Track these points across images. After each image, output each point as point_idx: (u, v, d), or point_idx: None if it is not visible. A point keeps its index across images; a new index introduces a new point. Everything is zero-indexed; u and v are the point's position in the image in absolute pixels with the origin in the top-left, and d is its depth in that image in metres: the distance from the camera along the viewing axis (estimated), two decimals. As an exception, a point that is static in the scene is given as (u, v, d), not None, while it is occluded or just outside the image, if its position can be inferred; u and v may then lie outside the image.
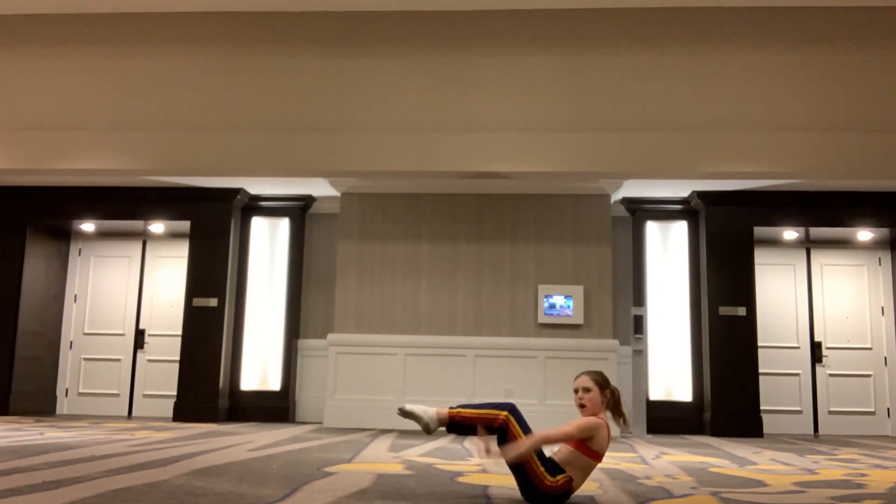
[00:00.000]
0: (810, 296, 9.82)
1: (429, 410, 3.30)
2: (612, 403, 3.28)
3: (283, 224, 9.86)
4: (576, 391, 3.31)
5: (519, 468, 3.22)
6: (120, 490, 3.34)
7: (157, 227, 10.11)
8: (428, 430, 3.27)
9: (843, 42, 8.14)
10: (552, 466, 3.22)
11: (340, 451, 5.57)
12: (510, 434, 3.19)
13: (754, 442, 7.73)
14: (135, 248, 10.39)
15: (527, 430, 3.22)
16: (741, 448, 6.84)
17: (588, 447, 3.22)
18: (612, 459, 5.56)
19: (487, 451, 3.18)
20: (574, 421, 3.24)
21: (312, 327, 9.78)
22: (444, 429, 3.31)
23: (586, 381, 3.30)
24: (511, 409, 3.24)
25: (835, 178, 8.31)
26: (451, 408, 3.30)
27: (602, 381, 3.30)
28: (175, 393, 9.22)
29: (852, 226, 9.16)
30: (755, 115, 8.09)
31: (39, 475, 3.76)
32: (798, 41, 8.19)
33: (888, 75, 8.07)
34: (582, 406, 3.28)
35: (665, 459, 5.65)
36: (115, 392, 10.06)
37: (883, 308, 9.72)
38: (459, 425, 3.27)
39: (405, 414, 3.32)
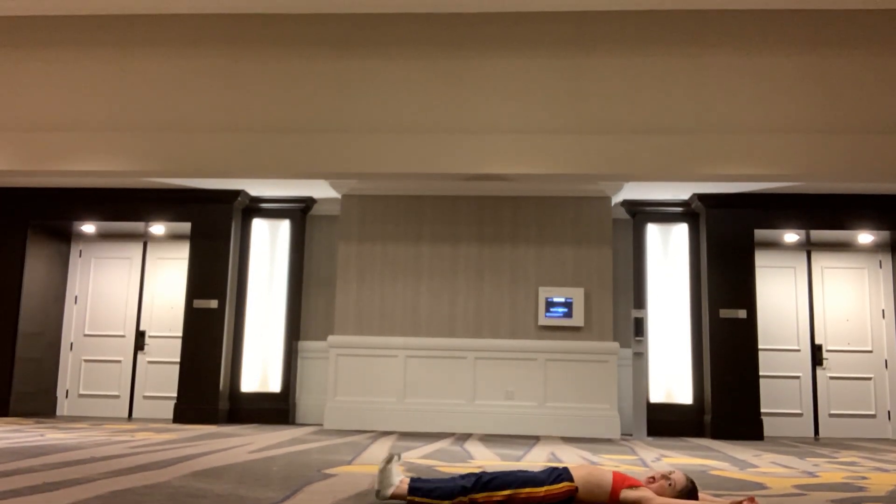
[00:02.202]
0: (811, 298, 9.82)
1: (391, 485, 3.12)
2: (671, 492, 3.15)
3: (284, 226, 9.87)
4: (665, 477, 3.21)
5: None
6: (120, 491, 3.34)
7: (157, 228, 10.11)
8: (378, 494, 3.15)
9: (843, 44, 8.14)
10: (563, 474, 3.14)
11: (341, 453, 5.57)
12: None
13: (755, 444, 7.72)
14: (135, 249, 10.39)
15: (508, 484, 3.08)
16: (741, 451, 6.83)
17: (616, 497, 3.12)
18: (612, 462, 5.56)
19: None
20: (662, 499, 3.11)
21: (313, 329, 9.79)
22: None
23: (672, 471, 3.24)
24: (476, 484, 3.06)
25: (835, 180, 8.30)
26: (409, 493, 3.10)
27: (681, 489, 3.13)
28: (175, 395, 9.22)
29: (853, 228, 9.16)
30: (756, 117, 8.09)
31: (40, 476, 3.76)
32: (798, 43, 8.19)
33: (888, 77, 8.07)
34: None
35: (665, 462, 5.65)
36: (116, 394, 10.06)
37: (883, 311, 9.72)
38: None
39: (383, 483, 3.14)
